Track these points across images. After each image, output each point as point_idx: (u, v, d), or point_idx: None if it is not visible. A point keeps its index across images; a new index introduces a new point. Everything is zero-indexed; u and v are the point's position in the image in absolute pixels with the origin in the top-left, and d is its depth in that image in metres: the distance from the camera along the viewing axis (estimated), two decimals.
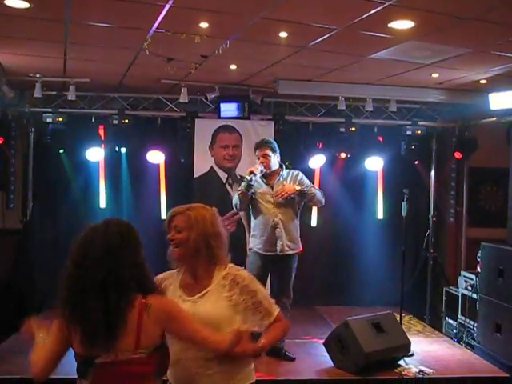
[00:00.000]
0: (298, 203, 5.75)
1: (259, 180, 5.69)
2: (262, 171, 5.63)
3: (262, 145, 5.75)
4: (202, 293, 2.74)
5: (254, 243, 5.78)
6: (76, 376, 2.42)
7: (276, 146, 5.76)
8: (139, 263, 2.45)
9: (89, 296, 2.29)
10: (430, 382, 5.41)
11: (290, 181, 5.75)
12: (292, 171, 5.88)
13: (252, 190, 5.62)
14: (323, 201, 5.80)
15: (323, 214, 8.11)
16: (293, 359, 5.75)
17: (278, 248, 5.65)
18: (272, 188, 5.69)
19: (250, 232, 5.92)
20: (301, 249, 5.81)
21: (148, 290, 2.43)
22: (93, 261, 2.33)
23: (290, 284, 5.74)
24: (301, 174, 5.83)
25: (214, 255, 2.76)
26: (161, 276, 2.85)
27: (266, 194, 5.70)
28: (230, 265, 2.82)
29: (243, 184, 5.63)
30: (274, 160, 5.72)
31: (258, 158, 5.71)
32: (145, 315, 2.35)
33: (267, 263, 5.73)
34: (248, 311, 2.75)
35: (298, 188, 5.61)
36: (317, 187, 6.06)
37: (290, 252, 5.71)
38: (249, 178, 5.54)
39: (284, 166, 5.85)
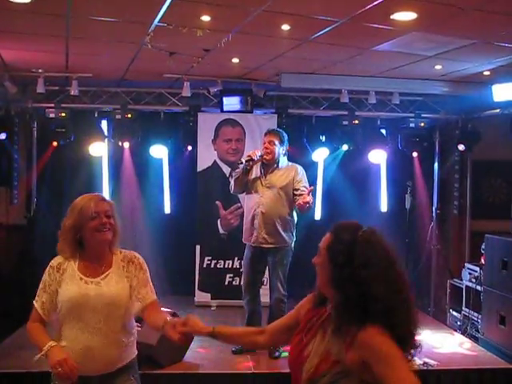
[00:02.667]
0: (291, 199, 5.59)
1: (257, 167, 5.67)
2: (260, 156, 5.57)
3: (271, 131, 5.72)
4: (104, 275, 2.96)
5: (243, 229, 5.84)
6: None
7: (285, 138, 5.69)
8: None
9: None
10: (434, 374, 5.41)
11: (283, 176, 5.63)
12: (293, 165, 5.76)
13: (247, 176, 5.61)
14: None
15: (326, 207, 8.11)
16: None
17: (252, 239, 5.61)
18: (265, 177, 5.65)
19: None
20: (287, 244, 5.65)
21: None
22: None
23: (278, 279, 5.61)
24: (301, 172, 5.69)
25: (117, 241, 3.05)
26: (57, 260, 3.01)
27: (256, 182, 5.65)
28: (123, 250, 3.09)
29: (239, 168, 5.63)
30: (279, 150, 5.62)
31: (264, 143, 5.66)
32: None
33: (252, 253, 5.68)
34: (135, 288, 3.00)
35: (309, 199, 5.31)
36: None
37: (266, 246, 5.60)
38: (245, 161, 5.53)
39: (285, 159, 5.74)
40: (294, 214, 5.71)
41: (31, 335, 2.93)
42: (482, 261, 6.80)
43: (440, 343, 6.31)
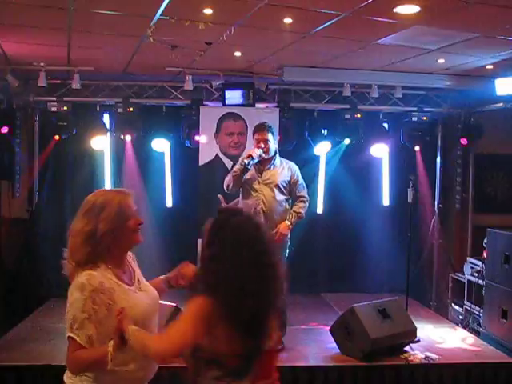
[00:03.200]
0: (288, 196, 5.67)
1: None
2: (260, 156, 5.57)
3: (263, 128, 5.66)
4: (137, 279, 2.66)
5: None
6: None
7: (275, 131, 5.70)
8: None
9: None
10: (436, 368, 5.42)
11: (281, 172, 5.66)
12: (286, 163, 5.78)
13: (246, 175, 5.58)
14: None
15: (329, 200, 8.11)
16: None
17: None
18: (261, 174, 5.64)
19: None
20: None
21: None
22: None
23: None
24: (297, 172, 5.73)
25: None
26: (95, 280, 2.43)
27: (252, 179, 5.63)
28: None
29: (238, 166, 5.59)
30: (273, 146, 5.65)
31: (258, 142, 5.61)
32: None
33: None
34: None
35: (288, 224, 5.55)
36: (306, 197, 5.82)
37: None
38: (247, 161, 5.49)
39: (277, 154, 5.76)
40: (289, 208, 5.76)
41: (84, 360, 2.41)
42: (484, 255, 6.80)
43: (442, 337, 6.31)
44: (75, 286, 2.43)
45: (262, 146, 5.57)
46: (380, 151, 8.07)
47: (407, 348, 5.70)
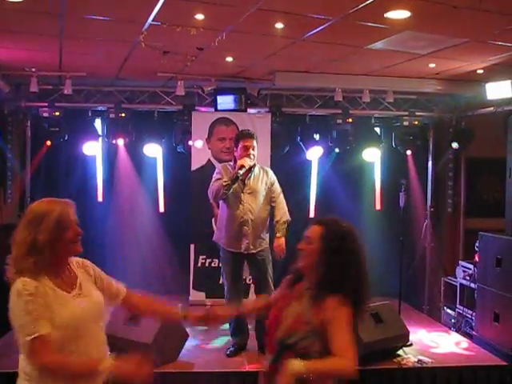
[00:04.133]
0: (269, 202, 5.66)
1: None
2: (249, 165, 5.46)
3: (251, 135, 5.54)
4: (78, 285, 2.67)
5: (219, 236, 5.71)
6: None
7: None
8: None
9: None
10: (429, 372, 5.44)
11: (262, 179, 5.62)
12: (261, 167, 5.73)
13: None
14: None
15: (321, 205, 8.12)
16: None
17: (243, 247, 5.56)
18: (244, 184, 5.55)
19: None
20: (268, 243, 5.73)
21: None
22: None
23: (269, 277, 5.63)
24: (272, 175, 5.71)
25: None
26: (30, 284, 2.50)
27: (237, 189, 5.50)
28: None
29: (229, 176, 5.45)
30: (256, 153, 5.58)
31: (247, 149, 5.45)
32: None
33: (236, 260, 5.65)
34: (104, 288, 2.81)
35: (283, 237, 5.62)
36: (284, 202, 5.78)
37: (254, 250, 5.60)
38: (241, 172, 5.36)
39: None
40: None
41: (66, 366, 2.51)
42: (476, 258, 6.83)
43: (434, 341, 6.33)
44: (13, 292, 2.55)
45: (251, 153, 5.50)
46: (372, 155, 8.09)
47: (400, 352, 5.72)
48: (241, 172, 5.37)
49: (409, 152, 8.17)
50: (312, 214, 8.18)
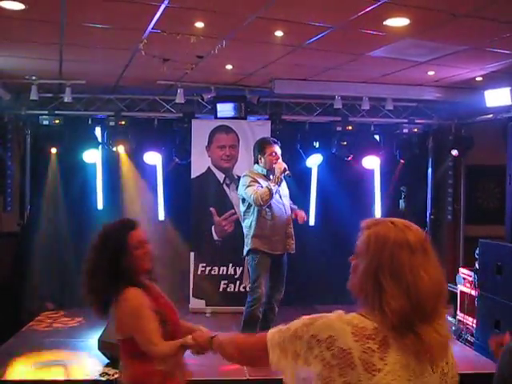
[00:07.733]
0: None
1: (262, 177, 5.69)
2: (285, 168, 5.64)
3: (273, 142, 5.73)
4: None
5: (260, 243, 5.66)
6: None
7: None
8: None
9: None
10: None
11: (285, 183, 5.83)
12: None
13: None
14: None
15: (321, 212, 8.11)
16: None
17: (288, 247, 5.71)
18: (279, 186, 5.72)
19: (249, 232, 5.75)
20: None
21: None
22: None
23: (284, 280, 5.81)
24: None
25: None
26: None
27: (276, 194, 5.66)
28: None
29: (275, 181, 5.54)
30: None
31: (277, 154, 5.62)
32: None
33: (272, 262, 5.72)
34: None
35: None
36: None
37: (291, 251, 5.80)
38: (284, 174, 5.56)
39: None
40: None
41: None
42: (476, 266, 6.81)
43: None
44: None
45: (278, 157, 5.64)
46: (372, 163, 8.09)
47: None
48: (284, 174, 5.56)
49: (408, 159, 8.14)
50: (312, 222, 8.17)
